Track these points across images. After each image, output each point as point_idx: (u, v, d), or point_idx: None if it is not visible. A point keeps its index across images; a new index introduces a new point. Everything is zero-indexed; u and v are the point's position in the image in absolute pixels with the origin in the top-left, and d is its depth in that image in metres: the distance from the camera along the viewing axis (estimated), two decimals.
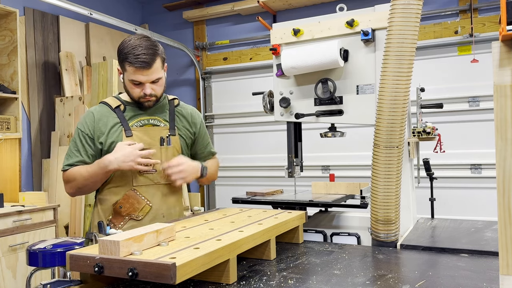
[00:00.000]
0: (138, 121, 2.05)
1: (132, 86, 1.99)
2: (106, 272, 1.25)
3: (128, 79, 1.98)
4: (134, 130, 2.02)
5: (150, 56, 1.93)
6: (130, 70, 1.94)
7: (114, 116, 2.03)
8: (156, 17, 6.07)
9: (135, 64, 1.91)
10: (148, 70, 1.94)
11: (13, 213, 3.54)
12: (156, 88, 2.02)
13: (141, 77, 1.95)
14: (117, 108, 2.05)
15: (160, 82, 2.04)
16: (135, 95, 2.01)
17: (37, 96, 4.54)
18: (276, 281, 1.44)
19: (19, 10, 3.99)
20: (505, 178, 1.06)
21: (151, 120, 2.08)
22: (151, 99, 2.02)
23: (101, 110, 2.06)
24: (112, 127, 2.01)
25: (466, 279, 1.43)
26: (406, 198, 2.06)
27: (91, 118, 2.03)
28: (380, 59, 1.94)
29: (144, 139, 2.01)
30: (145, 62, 1.91)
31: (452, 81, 4.49)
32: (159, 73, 2.00)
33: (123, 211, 2.00)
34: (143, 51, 1.91)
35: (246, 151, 5.49)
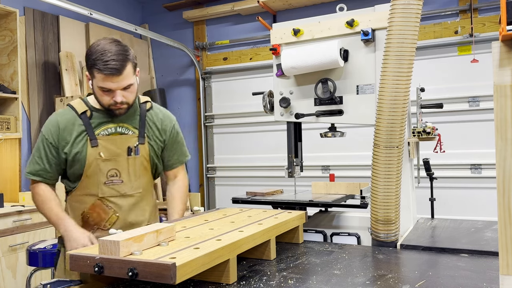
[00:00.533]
0: (105, 129, 1.95)
1: (102, 94, 1.87)
2: (106, 272, 1.25)
3: (97, 86, 1.86)
4: (100, 139, 1.92)
5: (120, 62, 1.80)
6: (99, 77, 1.82)
7: (80, 124, 1.93)
8: (156, 17, 6.07)
9: (104, 71, 1.79)
10: (118, 77, 1.81)
11: (13, 213, 3.54)
12: (128, 95, 1.90)
13: (111, 84, 1.83)
14: (83, 114, 1.94)
15: (132, 89, 1.90)
16: (104, 102, 1.89)
17: (37, 96, 4.54)
18: (276, 281, 1.44)
19: (19, 10, 3.99)
20: (505, 178, 1.05)
21: (118, 128, 1.97)
22: (122, 106, 1.90)
23: (66, 117, 1.95)
24: (77, 136, 1.92)
25: (466, 279, 1.43)
26: (406, 198, 2.06)
27: (55, 127, 1.93)
28: (380, 59, 1.94)
29: (110, 149, 1.93)
30: (114, 69, 1.79)
31: (452, 81, 4.49)
32: (130, 79, 1.87)
33: (90, 221, 1.97)
34: (113, 57, 1.80)
35: (246, 151, 5.49)
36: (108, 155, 1.93)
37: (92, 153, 1.91)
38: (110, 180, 1.94)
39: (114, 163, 1.94)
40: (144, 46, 6.00)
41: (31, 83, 4.47)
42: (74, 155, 1.92)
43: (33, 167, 1.96)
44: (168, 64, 5.99)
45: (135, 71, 1.92)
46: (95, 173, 1.92)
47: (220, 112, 5.66)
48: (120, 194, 1.97)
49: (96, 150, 1.91)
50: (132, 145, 1.97)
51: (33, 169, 1.95)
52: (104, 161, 1.93)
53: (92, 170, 1.92)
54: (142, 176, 2.03)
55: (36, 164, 1.95)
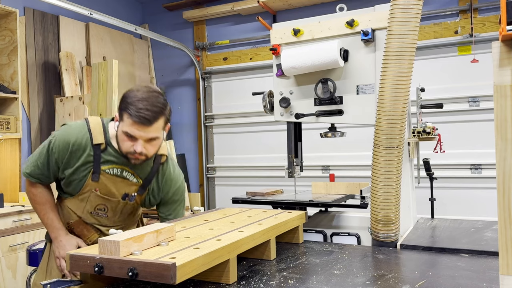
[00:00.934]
0: (111, 168, 1.88)
1: (124, 138, 1.77)
2: (106, 272, 1.25)
3: (123, 130, 1.76)
4: (103, 176, 1.87)
5: (153, 114, 1.71)
6: (128, 121, 1.72)
7: (90, 154, 1.85)
8: (156, 17, 6.07)
9: (133, 118, 1.69)
10: (146, 128, 1.72)
11: (13, 213, 3.54)
12: (150, 148, 1.79)
13: (136, 132, 1.72)
14: (96, 146, 1.86)
15: (156, 142, 1.81)
16: (124, 148, 1.79)
17: (37, 96, 4.54)
18: (276, 281, 1.43)
19: (19, 10, 3.99)
20: (505, 178, 1.05)
21: (124, 172, 1.90)
22: (140, 157, 1.79)
23: (79, 141, 1.85)
24: (82, 165, 1.86)
25: (466, 279, 1.43)
26: (406, 198, 2.06)
27: (66, 148, 1.85)
28: (380, 59, 1.94)
29: (108, 188, 1.89)
30: (145, 119, 1.70)
31: (452, 81, 4.49)
32: (158, 132, 1.78)
33: (74, 231, 2.00)
34: (148, 106, 1.70)
35: (246, 151, 5.49)
36: (104, 193, 1.90)
37: (90, 185, 1.88)
38: (96, 212, 1.95)
39: (106, 201, 1.93)
40: (144, 46, 6.00)
41: (31, 83, 4.47)
42: (72, 180, 1.89)
43: (33, 170, 1.94)
44: (168, 64, 5.99)
45: (165, 126, 1.81)
46: (85, 200, 1.93)
47: (220, 112, 5.66)
48: (102, 225, 1.99)
49: (94, 184, 1.88)
50: (130, 193, 1.93)
51: (33, 172, 1.94)
52: (97, 196, 1.91)
53: (83, 197, 1.92)
54: (128, 215, 2.04)
55: (36, 168, 1.93)
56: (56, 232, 1.95)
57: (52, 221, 1.96)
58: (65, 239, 1.94)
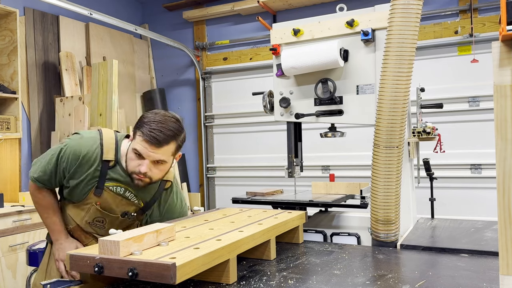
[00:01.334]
0: (115, 186, 1.88)
1: (133, 157, 1.78)
2: (106, 272, 1.25)
3: (132, 148, 1.77)
4: (106, 192, 1.87)
5: (165, 136, 1.72)
6: (139, 139, 1.74)
7: (97, 169, 1.85)
8: (156, 17, 6.07)
9: (145, 136, 1.72)
10: (156, 148, 1.72)
11: (13, 213, 3.54)
12: (155, 171, 1.79)
13: (145, 151, 1.73)
14: (106, 162, 1.86)
15: (163, 167, 1.80)
16: (130, 167, 1.80)
17: (37, 96, 4.54)
18: (276, 281, 1.43)
19: (19, 10, 3.99)
20: (505, 178, 1.05)
21: (127, 193, 1.91)
22: (144, 179, 1.79)
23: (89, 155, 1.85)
24: (88, 179, 1.86)
25: (466, 279, 1.43)
26: (406, 198, 2.06)
27: (76, 159, 1.85)
28: (380, 59, 1.94)
29: (108, 204, 1.90)
30: (155, 139, 1.71)
31: (452, 81, 4.49)
32: (167, 156, 1.77)
33: (73, 236, 2.00)
34: (161, 129, 1.72)
35: (246, 151, 5.49)
36: (104, 208, 1.91)
37: (92, 198, 1.89)
38: (94, 223, 1.96)
39: (105, 215, 1.93)
40: (144, 46, 6.00)
41: (31, 83, 4.47)
42: (75, 191, 1.90)
43: (40, 175, 1.92)
44: (168, 64, 5.99)
45: (176, 153, 1.82)
46: (85, 211, 1.93)
47: (220, 112, 5.66)
48: (99, 234, 1.98)
49: (96, 199, 1.89)
50: (130, 212, 1.94)
51: (40, 177, 1.93)
52: (98, 210, 1.91)
53: (84, 208, 1.93)
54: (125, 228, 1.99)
55: (44, 174, 1.92)
56: (57, 235, 1.96)
57: (54, 224, 1.97)
58: (65, 242, 1.94)
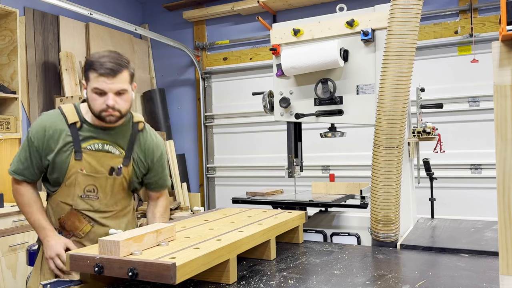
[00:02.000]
0: (92, 144, 1.90)
1: (94, 97, 1.81)
2: (106, 272, 1.25)
3: (91, 88, 1.81)
4: (85, 153, 1.88)
5: (116, 65, 1.79)
6: (94, 77, 1.79)
7: (68, 134, 1.88)
8: (156, 17, 6.07)
9: (99, 71, 1.77)
10: (112, 78, 1.78)
11: (13, 213, 3.54)
12: (121, 102, 1.83)
13: (104, 85, 1.78)
14: (72, 125, 1.89)
15: (126, 97, 1.85)
16: (96, 107, 1.82)
17: (37, 96, 4.54)
18: (276, 281, 1.43)
19: (19, 10, 3.98)
20: (505, 178, 1.05)
21: (106, 146, 1.92)
22: (114, 113, 1.82)
23: (54, 124, 1.89)
24: (63, 146, 1.88)
25: (466, 279, 1.43)
26: (406, 198, 2.06)
27: (42, 132, 1.88)
28: (380, 59, 1.94)
29: (93, 165, 1.90)
30: (109, 69, 1.77)
31: (452, 81, 4.49)
32: (125, 85, 1.82)
33: (66, 227, 1.97)
34: (110, 60, 1.79)
35: (246, 151, 5.49)
36: (90, 171, 1.90)
37: (74, 166, 1.88)
38: (86, 195, 1.92)
39: (93, 179, 1.91)
40: (144, 46, 6.00)
41: (31, 83, 4.47)
42: (56, 164, 1.89)
43: (17, 166, 1.94)
44: (168, 64, 5.99)
45: (131, 81, 1.87)
46: (73, 184, 1.91)
47: (220, 112, 5.66)
48: (94, 209, 1.96)
49: (78, 164, 1.88)
50: (115, 166, 1.93)
51: (17, 168, 1.94)
52: (84, 175, 1.90)
53: (71, 181, 1.90)
54: (119, 196, 2.01)
55: (20, 164, 1.94)
56: (44, 233, 1.93)
57: (39, 221, 1.94)
58: (53, 240, 1.90)
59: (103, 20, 4.32)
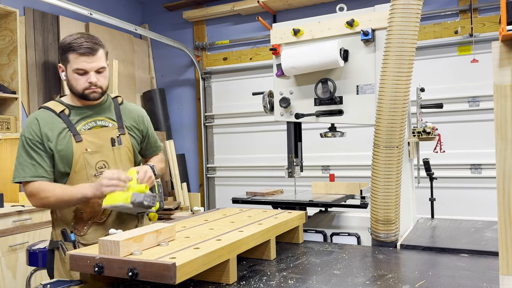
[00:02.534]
0: (85, 124, 1.97)
1: (77, 77, 1.92)
2: (106, 272, 1.25)
3: (72, 69, 1.91)
4: (83, 134, 1.94)
5: (92, 44, 1.91)
6: (74, 58, 1.89)
7: (60, 122, 1.94)
8: (156, 17, 6.07)
9: (78, 50, 1.88)
10: (92, 57, 1.90)
11: (13, 213, 3.54)
12: (101, 79, 1.96)
13: (85, 64, 1.90)
14: (61, 113, 1.95)
15: (105, 74, 1.98)
16: (79, 87, 1.92)
17: (37, 96, 4.54)
18: (276, 281, 1.44)
19: (19, 10, 3.99)
20: (505, 178, 1.05)
21: (98, 121, 2.00)
22: (96, 90, 1.94)
23: (44, 116, 1.95)
24: (59, 133, 1.92)
25: (466, 279, 1.43)
26: (406, 198, 2.06)
27: (36, 125, 1.92)
28: (380, 59, 1.94)
29: (94, 142, 1.95)
30: (89, 48, 1.89)
31: (452, 81, 4.49)
32: (103, 62, 1.95)
33: (84, 216, 1.94)
34: (86, 40, 1.91)
35: (246, 151, 5.49)
36: (94, 148, 1.94)
37: (78, 148, 1.91)
38: (99, 172, 1.92)
39: (101, 155, 1.95)
40: (144, 46, 5.99)
41: (31, 83, 4.47)
42: (60, 152, 1.90)
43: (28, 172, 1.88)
44: (168, 64, 5.99)
45: (106, 58, 2.00)
46: (83, 167, 1.91)
47: (220, 112, 5.66)
48: None
49: (81, 145, 1.91)
50: (114, 136, 2.00)
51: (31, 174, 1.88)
52: (91, 154, 1.93)
53: (80, 165, 1.91)
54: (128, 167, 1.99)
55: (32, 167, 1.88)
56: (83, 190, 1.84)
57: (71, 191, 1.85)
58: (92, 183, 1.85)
59: (103, 20, 4.32)
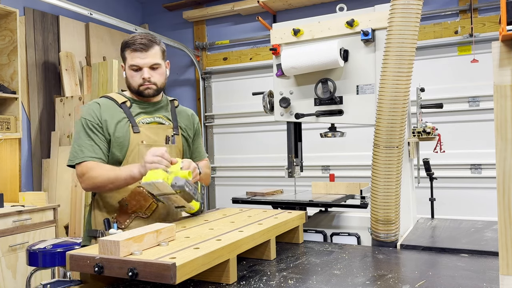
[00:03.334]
0: (144, 118, 2.03)
1: (132, 73, 1.99)
2: (106, 272, 1.25)
3: (128, 66, 1.99)
4: (141, 127, 1.99)
5: (148, 41, 1.97)
6: (129, 55, 1.97)
7: (120, 111, 2.00)
8: (156, 17, 6.07)
9: (132, 46, 1.95)
10: (146, 53, 1.95)
11: (13, 213, 3.54)
12: (156, 76, 2.01)
13: (139, 60, 1.95)
14: (123, 104, 2.02)
15: (160, 71, 2.03)
16: (134, 83, 2.00)
17: (37, 96, 4.54)
18: (276, 281, 1.43)
19: (19, 10, 3.98)
20: (505, 178, 1.05)
21: (156, 118, 2.06)
22: (150, 86, 2.00)
23: (106, 103, 2.02)
24: (119, 121, 1.97)
25: (466, 279, 1.43)
26: (406, 198, 2.06)
27: (97, 108, 1.98)
28: (380, 59, 1.94)
29: (150, 137, 2.00)
30: (142, 44, 1.95)
31: (452, 81, 4.49)
32: (157, 59, 2.00)
33: (129, 209, 1.94)
34: (141, 37, 1.98)
35: (246, 151, 5.49)
36: (149, 142, 1.98)
37: (135, 139, 1.95)
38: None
39: None
40: None
41: (31, 83, 4.47)
42: (116, 139, 1.94)
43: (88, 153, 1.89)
44: None
45: (163, 56, 2.04)
46: (137, 158, 1.92)
47: (220, 112, 5.66)
48: None
49: (138, 137, 1.96)
50: (169, 135, 2.06)
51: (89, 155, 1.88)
52: (146, 146, 1.95)
53: (134, 155, 1.94)
54: None
55: (90, 148, 1.90)
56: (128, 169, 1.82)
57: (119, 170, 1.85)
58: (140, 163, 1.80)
59: (103, 20, 4.32)
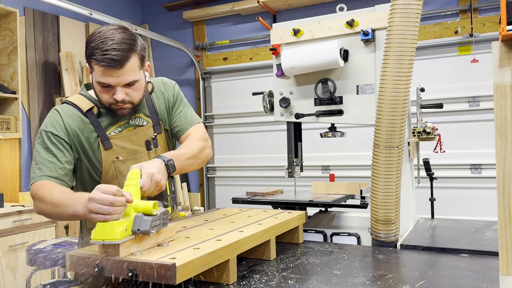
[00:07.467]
0: (117, 126, 1.67)
1: (100, 90, 1.57)
2: (106, 272, 1.25)
3: (95, 81, 1.55)
4: (113, 139, 1.64)
5: (122, 53, 1.48)
6: (97, 69, 1.51)
7: (88, 123, 1.63)
8: (156, 17, 6.07)
9: (101, 63, 1.48)
10: (119, 70, 1.50)
11: (13, 213, 3.54)
12: (132, 94, 1.59)
13: (110, 79, 1.52)
14: (89, 112, 1.63)
15: (138, 86, 1.59)
16: (104, 100, 1.60)
17: (37, 96, 4.54)
18: (276, 281, 1.43)
19: (19, 10, 3.99)
20: (505, 178, 1.05)
21: (132, 121, 1.70)
22: (124, 106, 1.59)
23: (70, 114, 1.62)
24: (87, 138, 1.63)
25: (466, 279, 1.43)
26: (406, 198, 2.06)
27: (60, 123, 1.62)
28: (380, 59, 1.94)
29: (126, 148, 1.66)
30: (114, 60, 1.47)
31: (452, 81, 4.49)
32: (135, 74, 1.55)
33: None
34: (114, 46, 1.47)
35: (246, 151, 5.49)
36: (126, 155, 1.67)
37: (108, 157, 1.64)
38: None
39: (135, 162, 1.62)
40: None
41: (31, 83, 4.47)
42: (87, 161, 1.64)
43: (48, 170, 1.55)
44: (168, 64, 5.99)
45: (142, 65, 1.60)
46: (115, 177, 1.66)
47: (220, 112, 5.66)
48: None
49: (111, 153, 1.64)
50: (150, 138, 1.72)
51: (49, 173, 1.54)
52: (123, 162, 1.66)
53: (111, 175, 1.66)
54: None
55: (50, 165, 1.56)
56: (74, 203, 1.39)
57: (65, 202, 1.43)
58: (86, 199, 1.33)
59: (103, 20, 4.31)
